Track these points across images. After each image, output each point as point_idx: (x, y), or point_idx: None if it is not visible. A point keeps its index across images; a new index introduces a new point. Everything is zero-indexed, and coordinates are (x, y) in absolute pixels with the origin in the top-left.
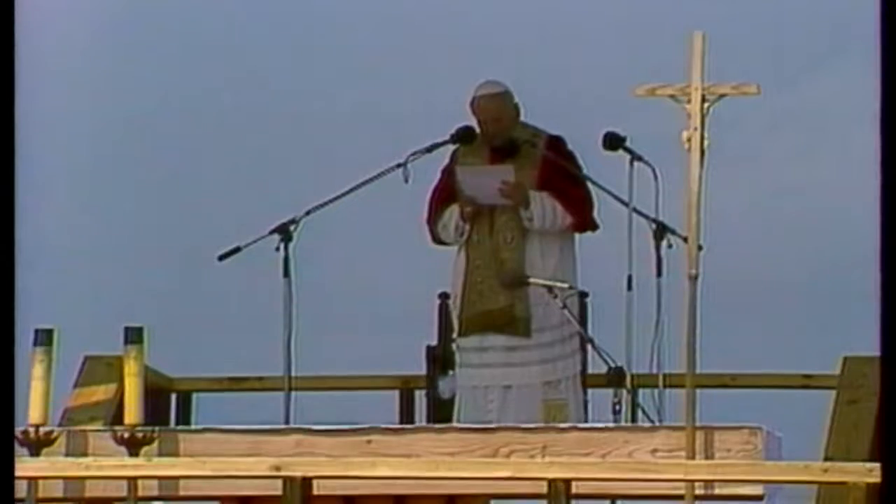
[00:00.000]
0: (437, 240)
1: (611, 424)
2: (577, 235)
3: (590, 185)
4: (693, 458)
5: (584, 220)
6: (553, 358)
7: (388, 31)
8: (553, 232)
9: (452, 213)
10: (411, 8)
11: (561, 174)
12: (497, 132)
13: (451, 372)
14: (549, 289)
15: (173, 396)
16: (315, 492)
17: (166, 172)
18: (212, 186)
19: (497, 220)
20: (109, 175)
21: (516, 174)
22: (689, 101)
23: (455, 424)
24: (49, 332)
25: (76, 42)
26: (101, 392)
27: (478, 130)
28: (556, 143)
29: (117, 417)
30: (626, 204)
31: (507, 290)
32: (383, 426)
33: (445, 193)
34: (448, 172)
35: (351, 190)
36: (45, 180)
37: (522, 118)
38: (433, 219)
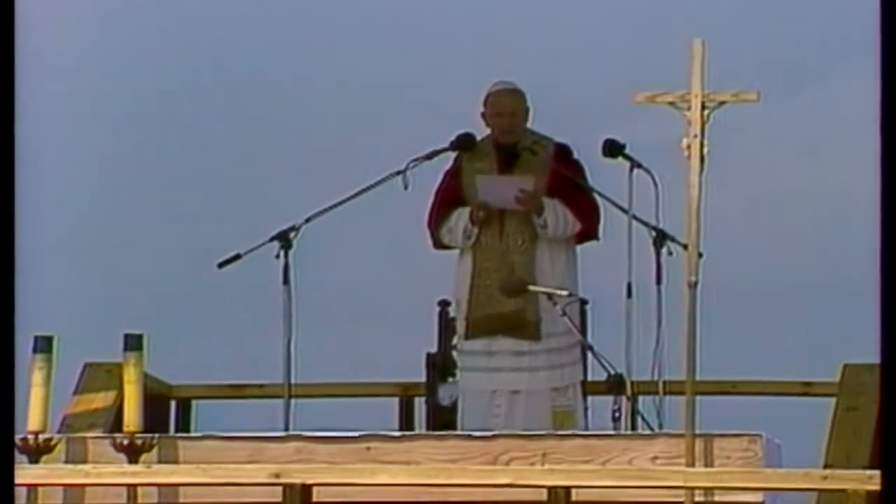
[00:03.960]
0: (440, 244)
1: (611, 432)
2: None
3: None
4: (693, 465)
5: (591, 229)
6: (560, 364)
7: (389, 38)
8: (562, 239)
9: (460, 217)
10: (412, 14)
11: (569, 182)
12: (511, 127)
13: (450, 379)
14: (549, 296)
15: (173, 403)
16: (314, 499)
17: (166, 180)
18: (212, 194)
19: (507, 224)
20: (109, 181)
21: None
22: (688, 108)
23: (455, 432)
24: (49, 339)
25: (77, 43)
26: (101, 399)
27: (488, 129)
28: (563, 152)
29: (117, 424)
30: (625, 211)
31: (510, 298)
32: (383, 433)
33: (450, 196)
34: (452, 175)
35: (351, 197)
36: (46, 186)
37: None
38: (437, 222)
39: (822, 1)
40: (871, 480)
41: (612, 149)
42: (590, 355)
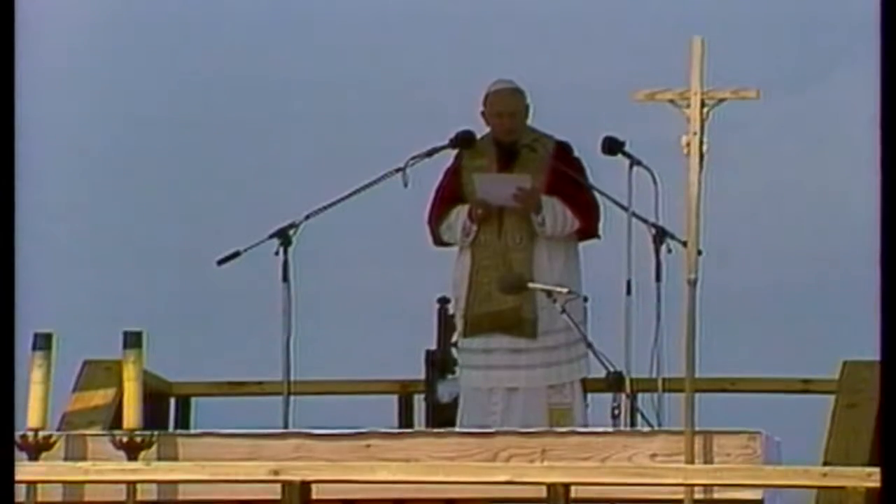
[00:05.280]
0: (439, 241)
1: (610, 429)
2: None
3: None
4: (692, 462)
5: (591, 227)
6: (558, 362)
7: (389, 35)
8: (561, 236)
9: (459, 214)
10: (411, 12)
11: (569, 180)
12: (512, 127)
13: (449, 376)
14: (549, 294)
15: (172, 401)
16: (314, 496)
17: (166, 176)
18: (211, 191)
19: (505, 222)
20: (109, 179)
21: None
22: (688, 106)
23: (454, 429)
24: (48, 337)
25: (76, 42)
26: (100, 396)
27: (487, 127)
28: (563, 150)
29: (116, 422)
30: (625, 208)
31: (508, 295)
32: (382, 430)
33: (450, 194)
34: (452, 173)
35: (350, 194)
36: (45, 184)
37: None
38: (437, 219)
39: (823, 1)
40: (870, 477)
41: (612, 146)
42: (589, 352)
